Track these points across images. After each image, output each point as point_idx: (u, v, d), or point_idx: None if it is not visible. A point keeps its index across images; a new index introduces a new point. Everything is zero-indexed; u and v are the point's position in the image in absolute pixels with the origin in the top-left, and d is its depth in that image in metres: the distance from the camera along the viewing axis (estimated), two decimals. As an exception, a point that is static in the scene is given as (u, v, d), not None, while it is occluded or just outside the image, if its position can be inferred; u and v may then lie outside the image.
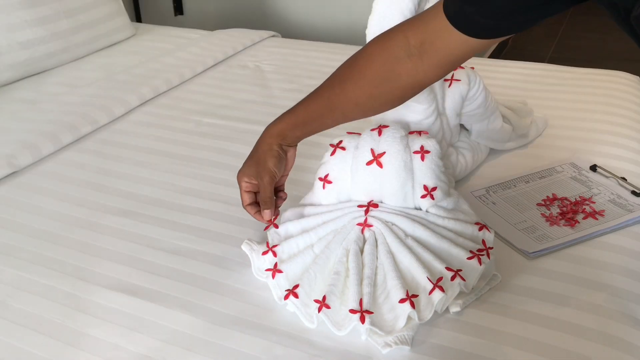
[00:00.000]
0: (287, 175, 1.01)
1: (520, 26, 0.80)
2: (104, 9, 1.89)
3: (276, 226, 0.96)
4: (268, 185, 0.94)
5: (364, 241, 0.90)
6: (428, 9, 0.86)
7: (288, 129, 0.94)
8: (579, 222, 1.02)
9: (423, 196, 0.93)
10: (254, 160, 0.95)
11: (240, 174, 0.96)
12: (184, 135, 1.37)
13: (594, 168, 1.17)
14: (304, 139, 0.99)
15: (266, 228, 0.97)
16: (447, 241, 0.89)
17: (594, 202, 1.07)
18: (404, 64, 0.86)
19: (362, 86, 0.89)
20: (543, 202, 1.08)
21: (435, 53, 0.84)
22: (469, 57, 0.85)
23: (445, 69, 0.87)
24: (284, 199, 1.01)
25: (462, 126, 1.20)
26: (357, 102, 0.91)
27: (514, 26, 0.80)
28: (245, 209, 0.98)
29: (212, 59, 1.76)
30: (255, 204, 0.98)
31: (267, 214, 0.96)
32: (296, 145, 0.98)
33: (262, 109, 1.48)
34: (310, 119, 0.94)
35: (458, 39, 0.81)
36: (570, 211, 1.05)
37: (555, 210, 1.06)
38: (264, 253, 0.93)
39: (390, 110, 1.05)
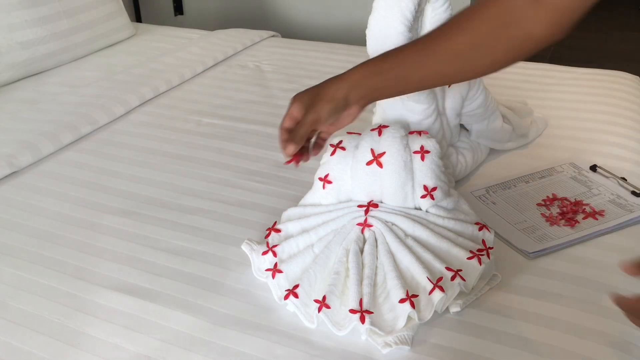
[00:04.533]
0: (338, 129, 0.90)
1: None
2: (104, 9, 1.89)
3: (277, 231, 0.96)
4: (307, 124, 0.85)
5: (364, 241, 0.90)
6: None
7: (367, 77, 0.84)
8: (579, 222, 1.02)
9: (423, 196, 0.93)
10: (314, 92, 0.86)
11: (297, 98, 0.87)
12: (184, 135, 1.37)
13: (594, 168, 1.17)
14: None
15: (267, 236, 0.97)
16: (447, 241, 0.89)
17: (594, 203, 1.07)
18: (518, 10, 0.76)
19: (466, 31, 0.79)
20: (543, 202, 1.08)
21: (548, 5, 0.75)
22: (582, 11, 0.76)
23: (558, 23, 0.76)
24: (321, 148, 0.93)
25: (462, 126, 1.20)
26: (456, 51, 0.80)
27: None
28: (280, 129, 0.87)
29: (212, 59, 1.76)
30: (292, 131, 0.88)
31: (290, 148, 0.85)
32: (362, 105, 0.87)
33: (262, 109, 1.48)
34: (395, 66, 0.83)
35: None
36: (570, 211, 1.05)
37: (555, 210, 1.06)
38: (264, 253, 0.93)
39: (389, 110, 1.05)
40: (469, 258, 0.87)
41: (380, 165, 0.93)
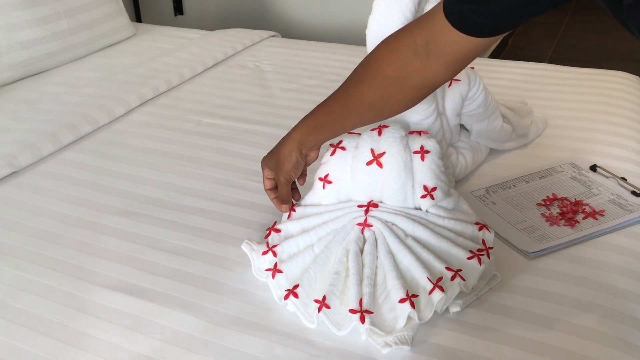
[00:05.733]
0: (309, 165, 1.01)
1: (513, 24, 0.81)
2: (104, 9, 1.89)
3: (277, 231, 0.96)
4: (284, 186, 0.98)
5: (364, 241, 0.90)
6: (433, 7, 0.86)
7: (307, 134, 0.95)
8: (579, 222, 1.02)
9: (423, 196, 0.93)
10: (275, 157, 0.97)
11: (263, 163, 1.00)
12: (184, 135, 1.37)
13: (594, 168, 1.17)
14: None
15: (267, 236, 0.97)
16: (447, 241, 0.89)
17: (594, 203, 1.07)
18: (412, 63, 0.86)
19: (374, 87, 0.90)
20: (543, 202, 1.08)
21: (440, 52, 0.84)
22: (475, 55, 0.85)
23: (453, 68, 0.86)
24: (305, 176, 1.03)
25: (462, 126, 1.20)
26: (370, 103, 0.91)
27: (507, 24, 0.80)
28: (266, 192, 1.02)
29: (212, 59, 1.76)
30: (275, 189, 1.01)
31: (284, 207, 1.00)
32: (317, 149, 0.99)
33: (262, 109, 1.48)
34: (328, 121, 0.95)
35: (459, 38, 0.81)
36: (570, 211, 1.05)
37: (555, 210, 1.06)
38: (264, 253, 0.93)
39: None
40: (469, 258, 0.87)
41: (380, 165, 0.93)
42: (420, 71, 0.86)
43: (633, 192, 1.10)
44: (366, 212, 0.93)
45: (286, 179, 0.97)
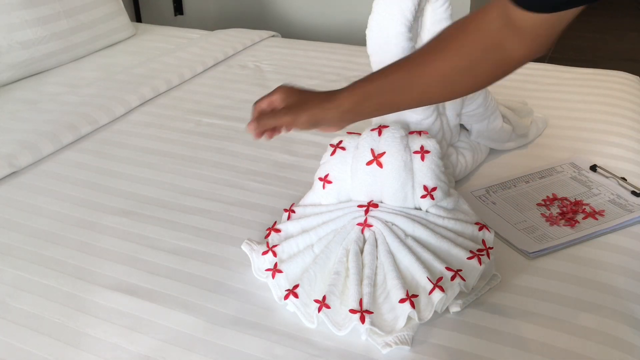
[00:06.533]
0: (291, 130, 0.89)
1: None
2: (104, 9, 1.89)
3: (277, 231, 0.96)
4: (280, 122, 0.86)
5: (364, 241, 0.90)
6: None
7: (356, 102, 0.85)
8: (579, 222, 1.02)
9: (423, 196, 0.93)
10: (302, 100, 0.87)
11: (284, 91, 0.88)
12: (184, 135, 1.37)
13: (594, 168, 1.17)
14: (313, 133, 0.90)
15: (267, 236, 0.97)
16: (447, 241, 0.89)
17: (594, 203, 1.07)
18: (496, 35, 0.78)
19: (453, 57, 0.81)
20: (543, 202, 1.08)
21: (522, 30, 0.76)
22: (560, 30, 0.77)
23: (537, 46, 0.78)
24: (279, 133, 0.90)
25: (462, 126, 1.20)
26: (443, 74, 0.82)
27: None
28: (254, 105, 0.90)
29: (212, 59, 1.76)
30: (267, 114, 0.88)
31: (251, 131, 0.87)
32: (341, 128, 0.89)
33: (262, 109, 1.48)
34: (382, 91, 0.84)
35: (534, 16, 0.74)
36: (570, 211, 1.05)
37: (555, 210, 1.06)
38: (264, 253, 0.93)
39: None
40: (469, 258, 0.87)
41: (380, 165, 0.93)
42: (503, 45, 0.78)
43: (633, 192, 1.10)
44: (366, 212, 0.93)
45: (290, 122, 0.85)
